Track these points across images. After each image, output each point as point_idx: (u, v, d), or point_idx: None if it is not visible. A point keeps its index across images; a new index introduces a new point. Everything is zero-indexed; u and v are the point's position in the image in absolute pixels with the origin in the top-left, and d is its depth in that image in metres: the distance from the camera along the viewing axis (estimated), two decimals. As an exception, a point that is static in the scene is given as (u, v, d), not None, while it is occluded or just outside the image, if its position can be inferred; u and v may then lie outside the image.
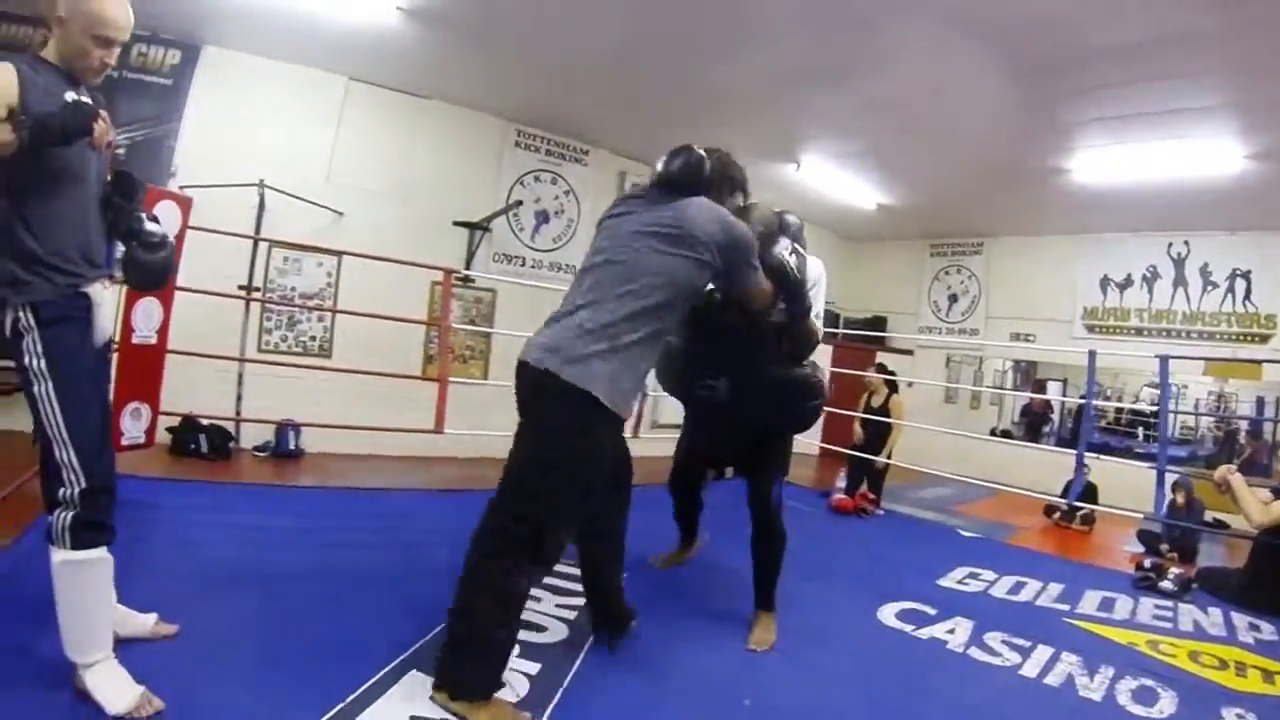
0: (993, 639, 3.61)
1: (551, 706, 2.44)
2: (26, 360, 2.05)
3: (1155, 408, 11.32)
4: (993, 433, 10.94)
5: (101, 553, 2.12)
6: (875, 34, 4.88)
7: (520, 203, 7.62)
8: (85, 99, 2.07)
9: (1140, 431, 11.87)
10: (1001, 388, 11.30)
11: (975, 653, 3.44)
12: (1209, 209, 7.65)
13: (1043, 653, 3.51)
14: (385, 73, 6.54)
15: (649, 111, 6.94)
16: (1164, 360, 5.32)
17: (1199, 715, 3.05)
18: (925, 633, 3.63)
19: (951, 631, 3.67)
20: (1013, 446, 9.36)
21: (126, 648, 2.23)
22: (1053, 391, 10.48)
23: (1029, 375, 11.20)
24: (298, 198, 6.18)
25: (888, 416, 6.75)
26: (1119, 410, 10.11)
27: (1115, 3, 4.17)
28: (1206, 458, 9.73)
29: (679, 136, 7.22)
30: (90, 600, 2.11)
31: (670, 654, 2.92)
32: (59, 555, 2.07)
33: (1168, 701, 3.14)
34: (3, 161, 1.95)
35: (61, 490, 2.08)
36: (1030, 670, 3.32)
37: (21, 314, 2.04)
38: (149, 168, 5.42)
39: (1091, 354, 5.58)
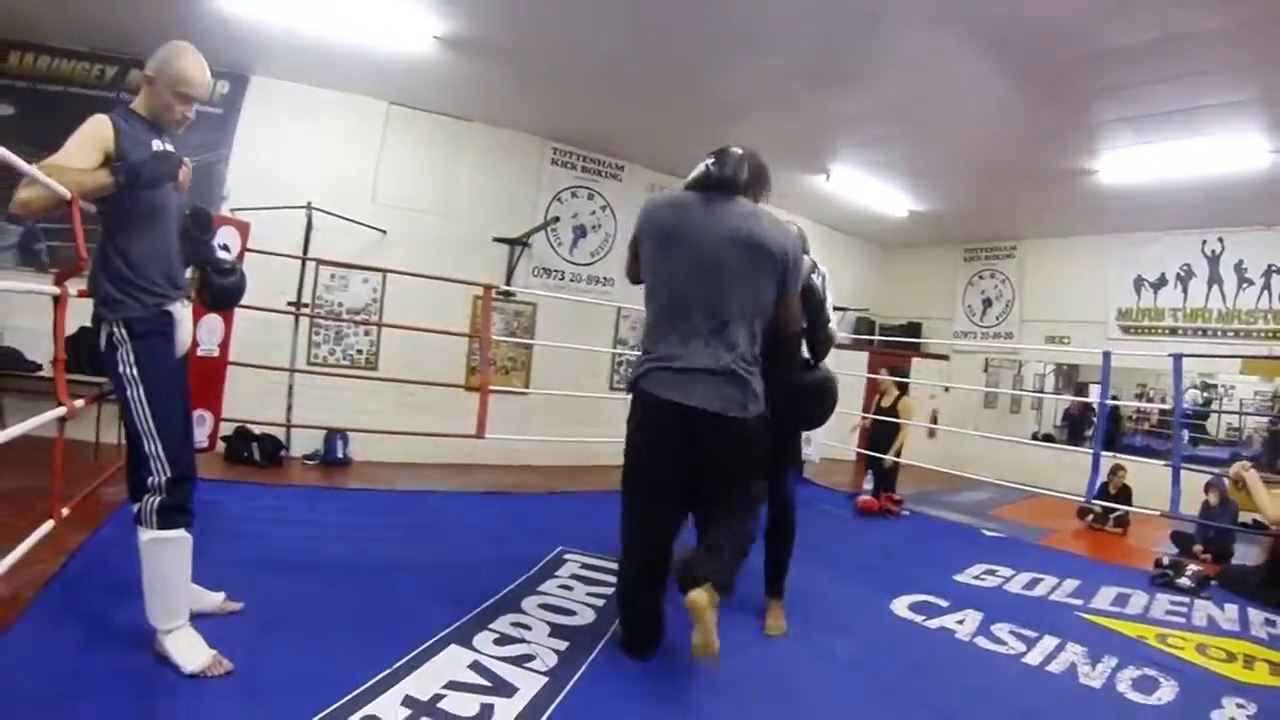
0: (1000, 629, 3.74)
1: (576, 677, 2.69)
2: (121, 369, 2.38)
3: (1199, 408, 11.31)
4: (1034, 437, 10.90)
5: (182, 533, 2.44)
6: (898, 42, 4.98)
7: (557, 219, 7.87)
8: (170, 148, 2.47)
9: (1184, 434, 11.74)
10: (1041, 391, 11.25)
11: (981, 641, 3.58)
12: (1241, 204, 7.57)
13: (1048, 643, 3.63)
14: (424, 97, 6.84)
15: (680, 128, 7.12)
16: (1177, 359, 5.34)
17: (1197, 704, 3.12)
18: (935, 623, 3.77)
19: (961, 622, 3.80)
20: (1054, 450, 9.33)
21: (198, 620, 2.54)
22: (1094, 394, 10.39)
23: (1071, 378, 11.15)
24: (343, 218, 6.50)
25: (897, 417, 6.95)
26: (1164, 413, 9.98)
27: (1134, 1, 4.21)
28: (1251, 458, 9.61)
29: (708, 151, 7.34)
30: (171, 574, 2.42)
31: (686, 637, 3.12)
32: (146, 534, 2.38)
33: (1167, 690, 3.23)
34: (102, 200, 2.33)
35: (150, 479, 2.39)
36: (1033, 659, 3.44)
37: (116, 329, 2.38)
38: (203, 192, 5.76)
39: (1106, 355, 5.62)
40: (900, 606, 3.96)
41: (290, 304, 6.29)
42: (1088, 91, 5.44)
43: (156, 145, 2.44)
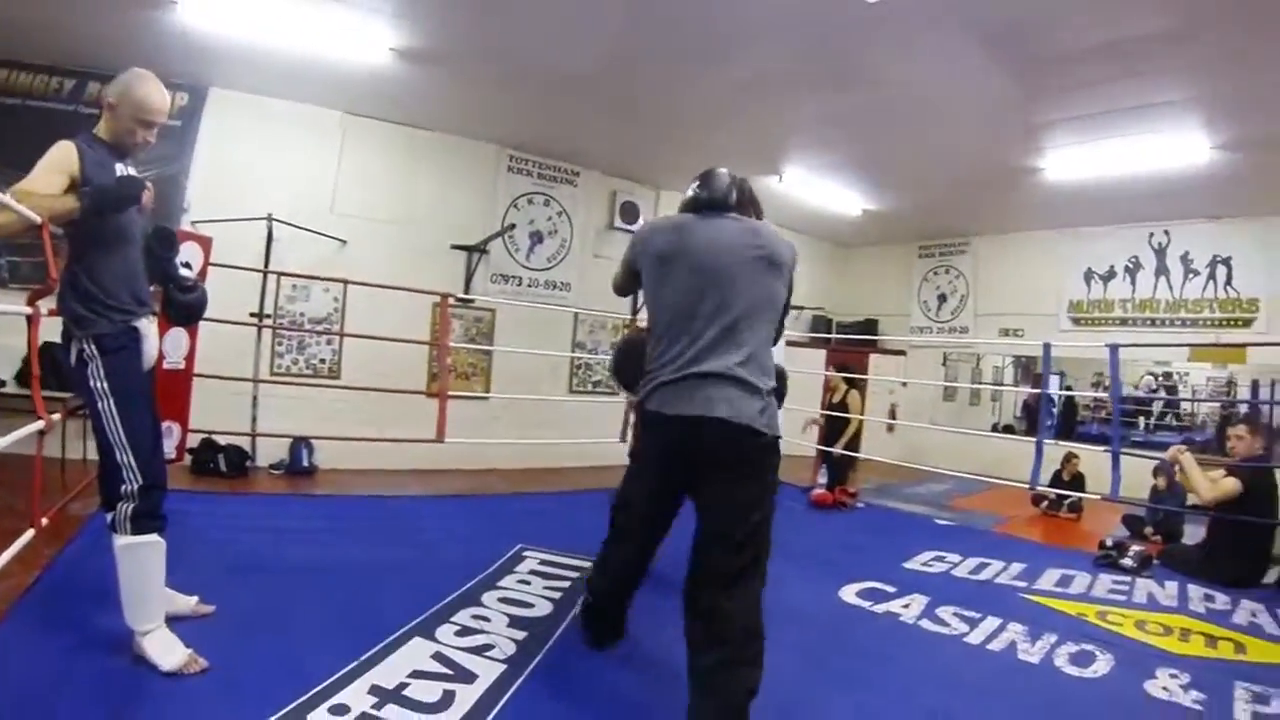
0: (944, 612, 3.91)
1: (533, 665, 2.85)
2: (91, 383, 2.49)
3: (1150, 395, 11.59)
4: (994, 428, 11.13)
5: (156, 537, 2.55)
6: (848, 49, 5.10)
7: (514, 226, 7.96)
8: (132, 172, 2.61)
9: (1140, 421, 12.05)
10: (1000, 384, 11.47)
11: (925, 624, 3.74)
12: (1186, 198, 7.77)
13: (990, 623, 3.80)
14: (382, 107, 6.90)
15: (634, 134, 7.27)
16: (1114, 349, 5.55)
17: (1130, 675, 3.28)
18: (882, 608, 3.93)
19: (907, 606, 3.97)
20: (1012, 441, 9.53)
21: (173, 623, 2.66)
22: (1052, 385, 10.61)
23: (1029, 370, 11.39)
24: (304, 228, 6.55)
25: (846, 411, 7.22)
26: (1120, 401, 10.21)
27: (1081, 4, 4.33)
28: (1204, 443, 9.88)
29: (663, 157, 7.60)
30: (147, 576, 2.54)
31: (635, 627, 3.23)
32: (121, 540, 2.49)
33: (1103, 664, 3.39)
34: (69, 223, 2.43)
35: (122, 487, 2.50)
36: (975, 638, 3.61)
37: (86, 345, 2.50)
38: (163, 205, 5.71)
39: (1046, 347, 5.83)
40: (849, 593, 4.12)
41: (253, 315, 6.33)
42: (1034, 92, 5.57)
43: (120, 170, 2.57)
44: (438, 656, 2.81)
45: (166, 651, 2.49)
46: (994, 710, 2.88)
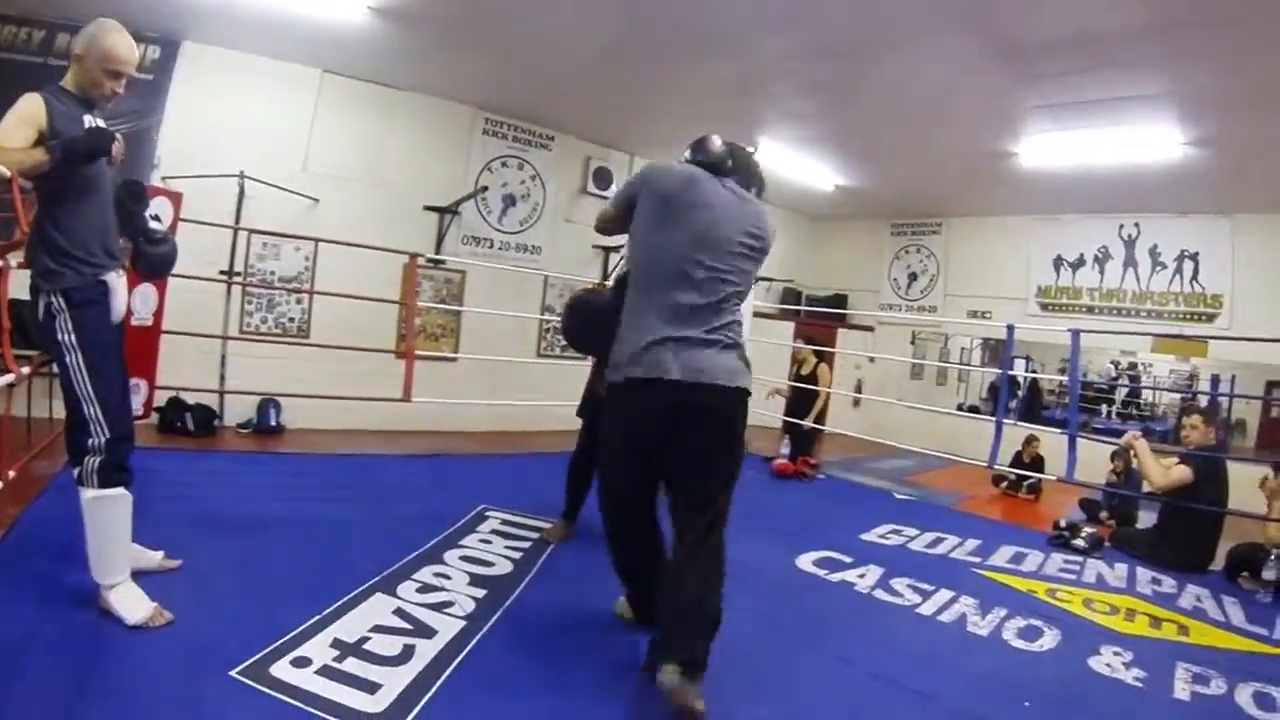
0: (899, 583, 4.00)
1: (493, 621, 2.93)
2: (59, 337, 2.48)
3: (1111, 382, 11.78)
4: (959, 408, 11.27)
5: (122, 490, 2.56)
6: (826, 23, 5.06)
7: (486, 188, 7.90)
8: (101, 123, 2.56)
9: (1103, 408, 12.28)
10: (968, 364, 11.61)
11: (879, 594, 3.83)
12: (1157, 192, 7.87)
13: (943, 595, 3.89)
14: (357, 65, 6.81)
15: (610, 98, 7.24)
16: (1075, 334, 5.64)
17: (1075, 651, 3.38)
18: (837, 577, 4.02)
19: (862, 576, 4.06)
20: (975, 421, 9.67)
21: (140, 577, 2.68)
22: (1018, 368, 10.76)
23: (997, 353, 11.53)
24: (276, 186, 6.48)
25: (816, 384, 7.30)
26: (1083, 386, 10.38)
27: None
28: (1163, 434, 10.09)
29: (639, 123, 7.53)
30: (114, 530, 2.55)
31: (595, 588, 3.29)
32: (88, 493, 2.50)
33: (1049, 639, 3.49)
34: (39, 176, 2.39)
35: (89, 440, 2.50)
36: (927, 609, 3.70)
37: (54, 299, 2.48)
38: (134, 160, 5.65)
39: (1010, 329, 5.91)
40: (805, 562, 4.20)
41: (222, 273, 6.27)
42: (1012, 78, 5.56)
43: (89, 121, 2.53)
44: (399, 612, 2.86)
45: (133, 605, 2.51)
46: (941, 678, 2.95)
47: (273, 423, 6.51)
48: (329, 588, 2.96)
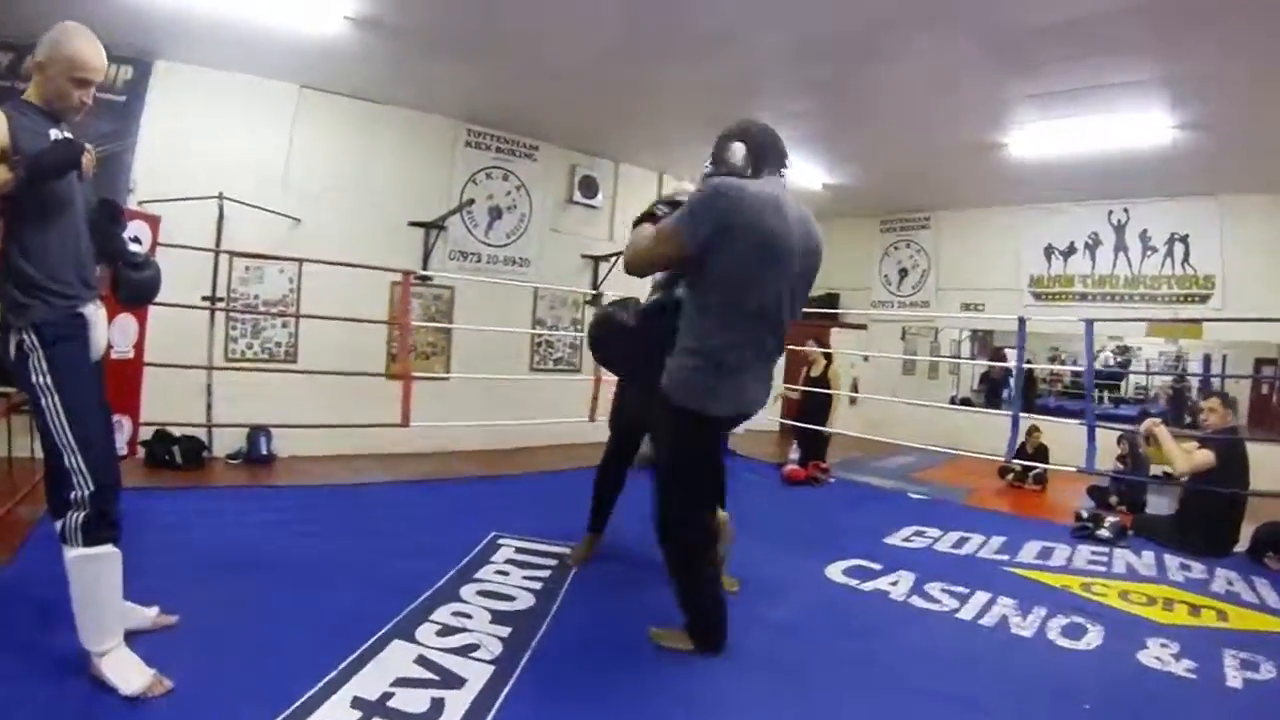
0: (933, 588, 3.87)
1: (523, 663, 2.69)
2: (34, 378, 2.24)
3: (1112, 369, 11.80)
4: (953, 401, 11.22)
5: (110, 548, 2.30)
6: (812, 20, 4.98)
7: (472, 201, 7.73)
8: (69, 135, 2.32)
9: (1097, 394, 12.27)
10: (957, 357, 11.57)
11: (916, 600, 3.70)
12: (1146, 177, 7.85)
13: (980, 598, 3.77)
14: (337, 80, 6.64)
15: (595, 106, 7.11)
16: (1089, 323, 5.58)
17: (1123, 646, 3.28)
18: (870, 586, 3.87)
19: (895, 583, 3.92)
20: (970, 413, 9.63)
21: (133, 639, 2.42)
22: (1010, 359, 10.73)
23: (985, 344, 11.50)
24: (257, 207, 6.28)
25: (827, 386, 7.17)
26: (1076, 374, 10.37)
27: None
28: (1159, 414, 10.10)
29: (623, 129, 7.42)
30: (102, 592, 2.29)
31: (622, 617, 3.15)
32: (73, 552, 2.25)
33: (1095, 635, 3.39)
34: (3, 198, 2.16)
35: (71, 493, 2.25)
36: (967, 614, 3.58)
37: (26, 335, 2.24)
38: (108, 185, 5.43)
39: (1021, 321, 5.84)
40: (834, 571, 4.05)
41: (205, 299, 6.06)
42: (1000, 69, 5.52)
43: (55, 134, 2.30)
44: (421, 660, 2.63)
45: (128, 673, 2.25)
46: (995, 686, 2.83)
47: (263, 451, 6.29)
48: (342, 637, 2.71)
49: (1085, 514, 5.36)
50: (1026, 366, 10.67)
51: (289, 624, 2.88)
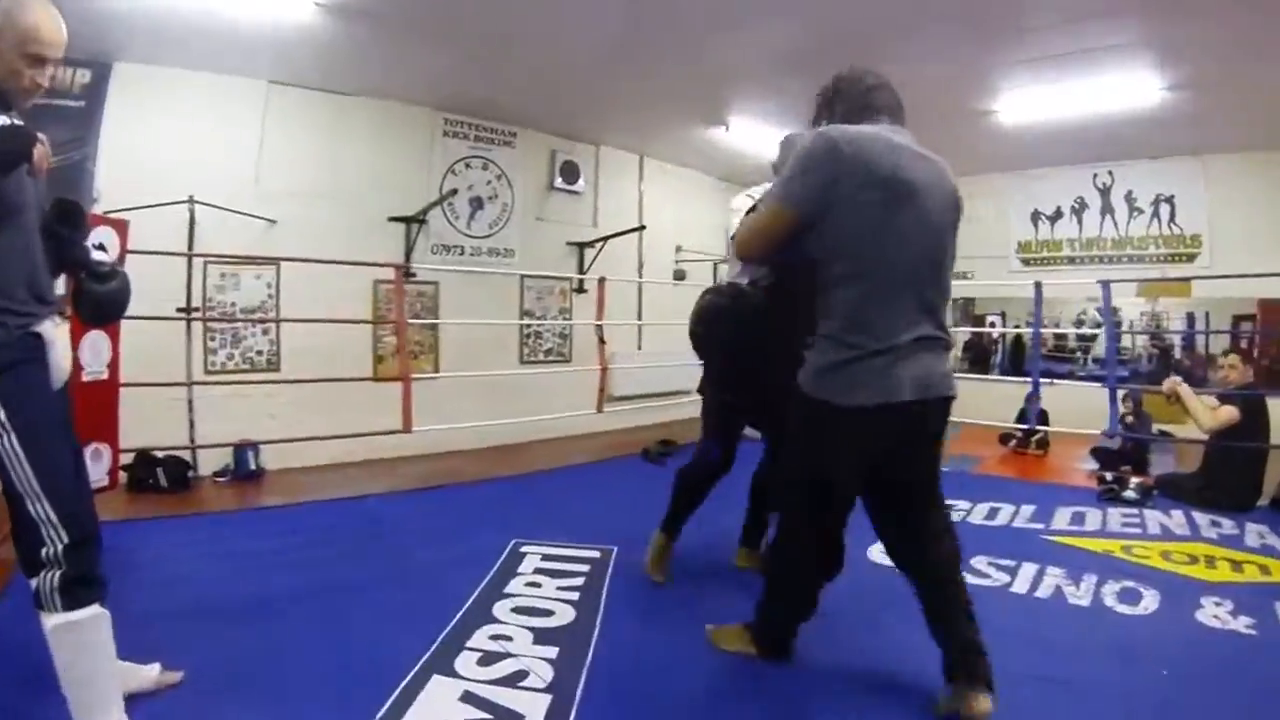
0: (979, 562, 3.76)
1: (581, 687, 2.46)
2: None
3: (1096, 331, 11.80)
4: (942, 371, 11.14)
5: (96, 609, 1.98)
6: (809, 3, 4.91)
7: (455, 191, 7.48)
8: (20, 122, 1.96)
9: (1081, 356, 12.28)
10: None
11: (967, 577, 3.52)
12: (1130, 139, 7.82)
13: (1028, 570, 3.69)
14: (306, 73, 6.34)
15: (572, 88, 6.90)
16: (1106, 285, 5.52)
17: (1181, 607, 3.25)
18: (916, 565, 3.72)
19: (941, 560, 3.77)
20: (962, 380, 9.54)
21: (135, 704, 2.14)
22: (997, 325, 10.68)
23: (967, 311, 11.44)
24: (229, 210, 5.98)
25: None
26: (1059, 337, 10.36)
27: None
28: (1147, 374, 10.11)
29: (604, 111, 7.25)
30: (93, 661, 1.98)
31: (674, 621, 2.99)
32: (51, 620, 1.92)
33: (1150, 599, 3.34)
34: None
35: (43, 550, 1.92)
36: (1020, 587, 3.49)
37: None
38: (70, 195, 5.15)
39: (1038, 285, 5.77)
40: (875, 553, 3.86)
41: (180, 310, 5.73)
42: (990, 34, 5.43)
43: (4, 122, 1.89)
44: (468, 698, 2.34)
45: None
46: (1067, 658, 2.76)
47: (252, 466, 5.93)
48: (374, 678, 2.41)
49: (1109, 477, 5.31)
50: (1019, 332, 10.76)
51: (310, 670, 2.57)
